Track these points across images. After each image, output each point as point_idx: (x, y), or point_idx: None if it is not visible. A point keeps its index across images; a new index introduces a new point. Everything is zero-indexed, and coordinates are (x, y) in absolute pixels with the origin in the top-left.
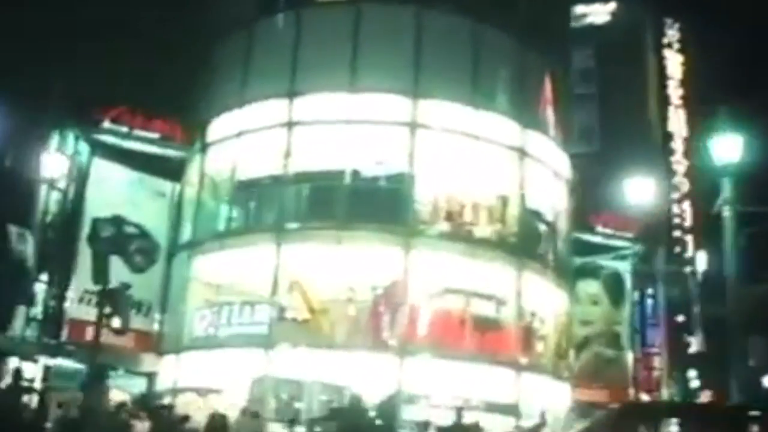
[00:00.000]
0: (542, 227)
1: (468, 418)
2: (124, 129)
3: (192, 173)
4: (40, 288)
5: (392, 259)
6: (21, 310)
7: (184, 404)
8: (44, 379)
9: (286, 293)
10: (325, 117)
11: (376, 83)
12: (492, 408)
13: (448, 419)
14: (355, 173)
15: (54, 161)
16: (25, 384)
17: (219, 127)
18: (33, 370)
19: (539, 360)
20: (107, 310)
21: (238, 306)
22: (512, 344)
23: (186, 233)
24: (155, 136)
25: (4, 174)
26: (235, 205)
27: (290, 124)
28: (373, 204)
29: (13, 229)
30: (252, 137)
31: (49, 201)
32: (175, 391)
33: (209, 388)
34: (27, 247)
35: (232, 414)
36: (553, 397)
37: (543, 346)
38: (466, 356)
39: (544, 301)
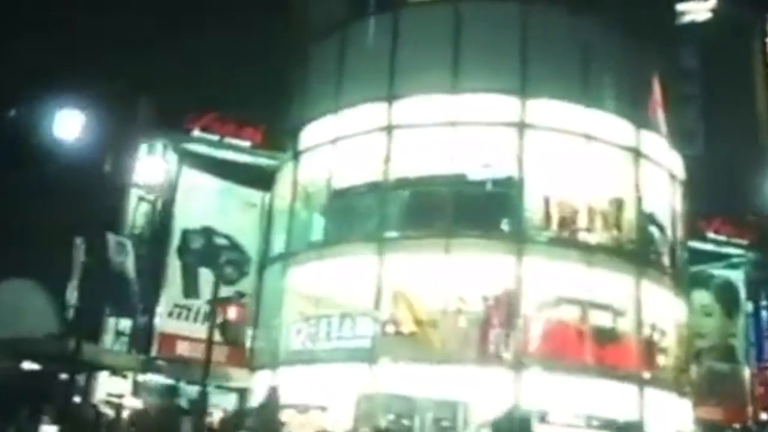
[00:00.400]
0: (658, 233)
1: None
2: (215, 137)
3: (283, 182)
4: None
5: (503, 267)
6: (110, 324)
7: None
8: (134, 395)
9: (390, 305)
10: (427, 120)
11: (480, 83)
12: (612, 426)
13: None
14: (461, 177)
15: (144, 171)
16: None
17: (312, 133)
18: (123, 386)
19: (661, 374)
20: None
21: (337, 319)
22: (633, 357)
23: (279, 244)
24: (246, 144)
25: (103, 180)
26: (331, 214)
27: (389, 129)
28: (480, 210)
29: (112, 238)
30: (348, 143)
31: (137, 212)
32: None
33: (309, 404)
34: (128, 258)
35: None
36: (676, 414)
37: (664, 360)
38: (584, 370)
39: (663, 311)
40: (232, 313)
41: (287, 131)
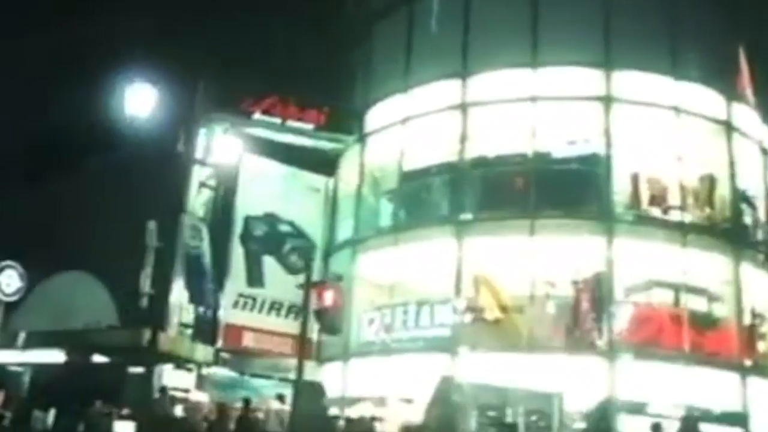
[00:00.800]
0: (750, 211)
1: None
2: (276, 120)
3: (348, 166)
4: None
5: (591, 249)
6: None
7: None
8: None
9: (471, 291)
10: (505, 96)
11: (562, 56)
12: (712, 417)
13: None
14: (545, 156)
15: (205, 156)
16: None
17: (379, 114)
18: (187, 379)
19: (763, 361)
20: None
21: (414, 307)
22: (732, 344)
23: (344, 231)
24: (309, 127)
25: (171, 163)
26: (401, 198)
27: (464, 106)
28: (565, 189)
29: (186, 221)
30: (419, 123)
31: (198, 198)
32: (344, 401)
33: (386, 397)
34: (203, 243)
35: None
36: None
37: (764, 346)
38: (681, 358)
39: (762, 294)
40: (328, 297)
41: (351, 113)
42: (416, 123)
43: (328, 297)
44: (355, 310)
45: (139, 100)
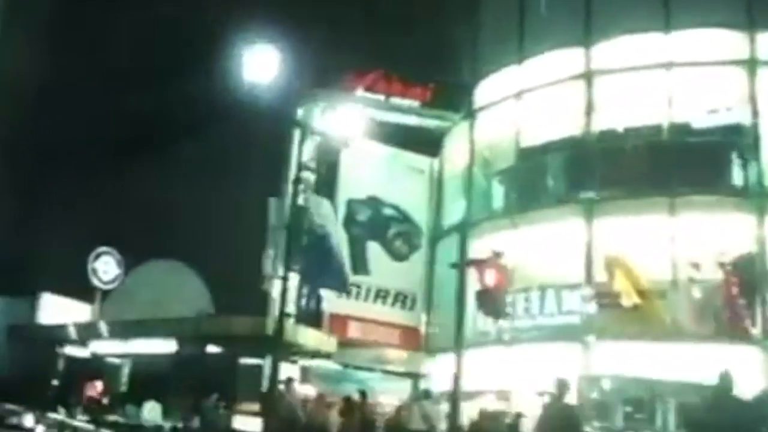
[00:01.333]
0: None
1: None
2: (380, 98)
3: (455, 145)
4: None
5: (740, 228)
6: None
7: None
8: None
9: (604, 275)
10: (634, 63)
11: (698, 18)
12: None
13: None
14: (681, 127)
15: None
16: None
17: (490, 89)
18: (291, 371)
19: None
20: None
21: (536, 293)
22: None
23: (452, 214)
24: (414, 104)
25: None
26: (516, 177)
27: (588, 75)
28: (707, 162)
29: (312, 198)
30: (536, 96)
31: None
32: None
33: (510, 390)
34: (328, 221)
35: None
36: None
37: None
38: None
39: None
40: (490, 277)
41: (459, 88)
42: (532, 96)
43: (490, 276)
44: (468, 298)
45: (260, 65)
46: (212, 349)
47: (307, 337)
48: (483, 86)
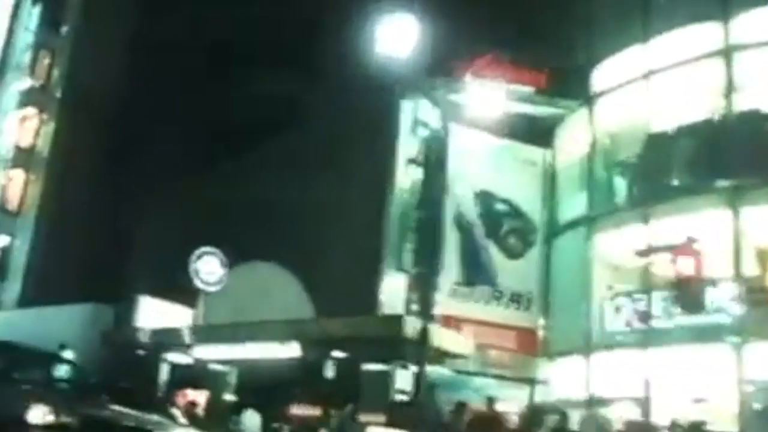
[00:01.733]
0: None
1: None
2: (491, 84)
3: (570, 134)
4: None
5: None
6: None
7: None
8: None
9: (755, 269)
10: None
11: None
12: None
13: None
14: None
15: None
16: None
17: (610, 71)
18: (405, 378)
19: None
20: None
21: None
22: None
23: (571, 208)
24: (528, 90)
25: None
26: (645, 165)
27: (728, 51)
28: None
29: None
30: (664, 77)
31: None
32: (590, 403)
33: (649, 397)
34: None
35: None
36: None
37: None
38: None
39: None
40: (687, 265)
41: (577, 73)
42: (661, 78)
43: (687, 264)
44: (594, 297)
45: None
46: (336, 354)
47: (448, 339)
48: (602, 68)
